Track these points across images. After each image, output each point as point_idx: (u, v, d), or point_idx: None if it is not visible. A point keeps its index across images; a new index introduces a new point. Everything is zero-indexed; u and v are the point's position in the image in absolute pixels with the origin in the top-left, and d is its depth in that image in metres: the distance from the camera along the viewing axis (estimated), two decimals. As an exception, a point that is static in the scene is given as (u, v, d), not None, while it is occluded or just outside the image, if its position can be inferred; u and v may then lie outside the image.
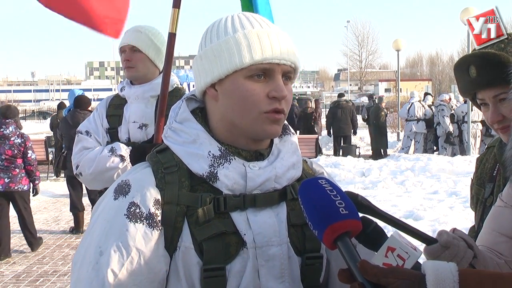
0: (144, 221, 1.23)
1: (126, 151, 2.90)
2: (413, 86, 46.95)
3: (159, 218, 1.25)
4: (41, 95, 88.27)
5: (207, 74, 1.30)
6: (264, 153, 1.33)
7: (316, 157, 14.35)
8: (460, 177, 10.33)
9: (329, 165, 12.20)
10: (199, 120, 1.33)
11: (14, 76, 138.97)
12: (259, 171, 1.29)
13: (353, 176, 11.31)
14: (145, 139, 2.98)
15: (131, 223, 1.23)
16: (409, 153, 14.96)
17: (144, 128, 3.00)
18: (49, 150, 14.27)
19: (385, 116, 15.98)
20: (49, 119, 19.67)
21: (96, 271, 1.20)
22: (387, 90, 61.99)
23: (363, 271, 1.03)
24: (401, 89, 28.73)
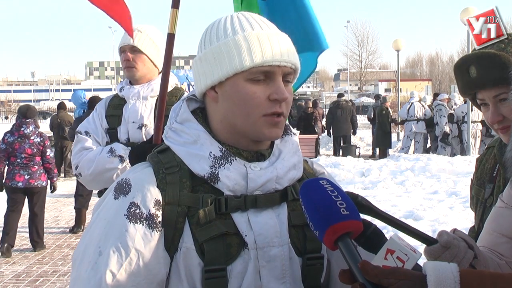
0: (144, 222, 1.23)
1: (125, 151, 2.89)
2: (413, 86, 46.98)
3: (159, 219, 1.25)
4: (41, 95, 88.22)
5: (207, 77, 1.30)
6: (265, 153, 1.33)
7: (316, 157, 14.36)
8: (460, 177, 10.33)
9: (329, 165, 12.20)
10: (199, 121, 1.33)
11: (14, 76, 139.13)
12: (260, 171, 1.29)
13: (353, 176, 11.31)
14: (144, 140, 2.97)
15: (131, 224, 1.22)
16: (409, 153, 14.96)
17: (143, 128, 3.00)
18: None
19: (386, 115, 15.99)
20: (49, 119, 19.66)
21: (95, 271, 1.20)
22: (387, 90, 61.99)
23: (364, 272, 1.03)
24: (401, 89, 28.75)
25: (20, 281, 6.10)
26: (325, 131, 17.89)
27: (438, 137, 15.38)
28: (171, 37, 2.83)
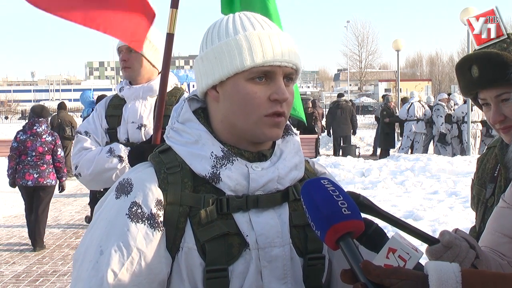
0: (146, 221, 1.23)
1: (124, 151, 2.89)
2: (413, 86, 46.97)
3: (161, 219, 1.24)
4: (41, 95, 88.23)
5: (208, 76, 1.30)
6: (266, 153, 1.33)
7: (315, 157, 14.35)
8: (460, 177, 10.33)
9: (329, 165, 12.20)
10: (201, 121, 1.33)
11: (14, 76, 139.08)
12: (261, 172, 1.29)
13: (352, 176, 11.31)
14: (144, 140, 2.97)
15: (133, 223, 1.22)
16: (409, 153, 14.96)
17: (143, 128, 3.00)
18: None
19: (386, 115, 16.00)
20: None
21: (96, 270, 1.20)
22: (387, 90, 61.93)
23: (365, 272, 1.03)
24: (401, 89, 28.75)
25: (20, 281, 6.09)
26: (325, 131, 17.88)
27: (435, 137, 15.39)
28: (170, 37, 2.83)
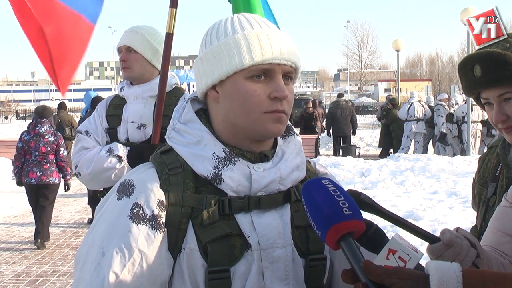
0: (147, 222, 1.23)
1: (123, 151, 2.90)
2: (413, 86, 46.99)
3: (163, 220, 1.24)
4: (41, 95, 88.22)
5: (207, 76, 1.30)
6: (268, 154, 1.33)
7: (315, 157, 14.35)
8: (460, 177, 10.32)
9: (329, 165, 12.19)
10: (203, 121, 1.33)
11: (14, 76, 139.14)
12: (263, 172, 1.28)
13: (352, 176, 11.31)
14: (143, 139, 2.98)
15: (134, 224, 1.22)
16: (409, 153, 14.95)
17: (142, 128, 3.00)
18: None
19: (385, 116, 16.02)
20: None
21: (98, 272, 1.20)
22: (386, 90, 61.99)
23: (366, 271, 1.03)
24: (400, 89, 28.77)
25: (20, 281, 6.09)
26: (325, 131, 17.88)
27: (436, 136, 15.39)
28: (169, 37, 2.83)
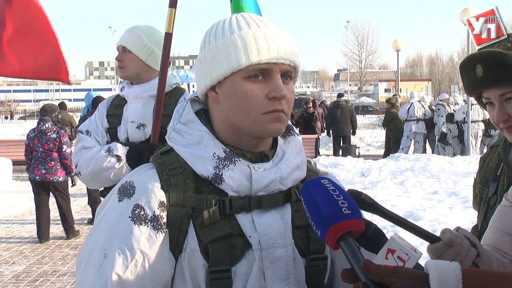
0: (149, 223, 1.23)
1: (122, 151, 2.90)
2: (413, 86, 47.00)
3: (164, 220, 1.24)
4: (41, 95, 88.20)
5: (206, 77, 1.30)
6: (268, 154, 1.33)
7: (315, 157, 14.35)
8: (460, 177, 10.32)
9: (329, 165, 12.19)
10: (203, 122, 1.33)
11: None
12: (264, 172, 1.28)
13: (352, 176, 11.31)
14: (143, 139, 2.98)
15: (136, 226, 1.22)
16: (409, 153, 14.96)
17: (142, 128, 3.00)
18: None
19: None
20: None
21: (100, 273, 1.20)
22: (386, 90, 62.03)
23: (366, 271, 1.03)
24: (400, 89, 28.78)
25: (19, 281, 6.09)
26: (325, 131, 17.88)
27: (436, 137, 15.39)
28: (168, 37, 2.83)
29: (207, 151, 1.28)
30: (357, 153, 16.21)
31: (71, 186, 8.10)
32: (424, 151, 15.56)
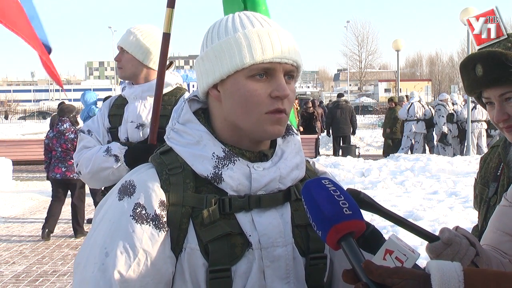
0: (151, 222, 1.23)
1: (120, 151, 2.90)
2: (413, 86, 47.01)
3: (165, 220, 1.24)
4: (41, 95, 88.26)
5: (208, 75, 1.29)
6: (267, 153, 1.33)
7: (315, 157, 14.35)
8: (459, 177, 10.32)
9: (329, 165, 12.19)
10: (202, 121, 1.33)
11: (13, 76, 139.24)
12: (263, 172, 1.28)
13: (352, 176, 11.31)
14: (142, 139, 2.99)
15: (138, 225, 1.22)
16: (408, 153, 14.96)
17: (141, 128, 3.01)
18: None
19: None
20: (49, 119, 19.80)
21: (103, 272, 1.19)
22: (386, 91, 62.07)
23: (367, 271, 1.03)
24: (400, 89, 28.79)
25: (19, 281, 6.09)
26: (324, 131, 17.88)
27: (436, 137, 15.39)
28: (166, 37, 2.83)
29: (206, 150, 1.28)
30: (357, 153, 16.22)
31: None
32: (424, 151, 15.56)
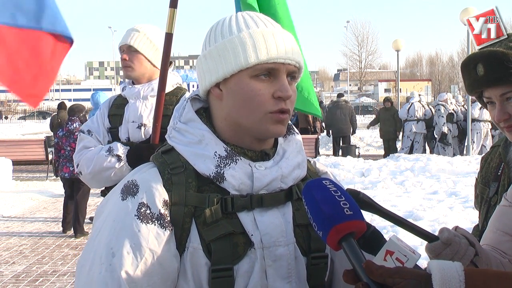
0: (156, 221, 1.23)
1: (123, 151, 2.90)
2: (413, 86, 47.03)
3: (168, 219, 1.24)
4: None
5: (211, 74, 1.29)
6: (269, 153, 1.33)
7: (315, 157, 14.34)
8: (459, 177, 10.32)
9: (329, 165, 12.18)
10: (204, 121, 1.33)
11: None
12: (265, 171, 1.29)
13: (352, 176, 11.31)
14: (144, 139, 2.98)
15: (143, 224, 1.22)
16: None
17: (143, 127, 3.00)
18: (49, 150, 14.27)
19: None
20: (49, 119, 19.80)
21: (110, 272, 1.19)
22: (386, 91, 62.09)
23: (368, 272, 1.03)
24: (400, 89, 28.80)
25: (19, 281, 6.09)
26: (324, 131, 17.87)
27: (436, 137, 15.39)
28: (169, 37, 2.83)
29: (208, 150, 1.28)
30: (357, 153, 16.21)
31: None
32: (424, 151, 15.57)
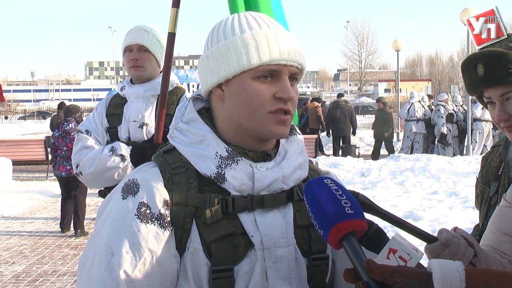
0: (156, 221, 1.23)
1: (126, 150, 2.90)
2: (413, 86, 47.03)
3: (168, 219, 1.24)
4: (41, 95, 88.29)
5: (213, 74, 1.29)
6: (271, 153, 1.33)
7: (315, 157, 14.34)
8: (459, 178, 10.33)
9: (329, 165, 12.19)
10: (205, 121, 1.32)
11: (13, 76, 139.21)
12: (266, 172, 1.28)
13: (352, 176, 11.31)
14: (145, 139, 2.98)
15: (143, 224, 1.22)
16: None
17: (144, 127, 3.01)
18: (49, 150, 14.26)
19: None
20: (49, 119, 19.78)
21: (109, 271, 1.19)
22: (386, 91, 62.10)
23: (369, 270, 1.03)
24: (400, 89, 28.79)
25: (19, 281, 6.09)
26: (324, 131, 17.88)
27: (435, 137, 15.40)
28: (171, 37, 2.84)
29: (210, 150, 1.28)
30: (357, 153, 16.21)
31: None
32: (426, 151, 15.57)
